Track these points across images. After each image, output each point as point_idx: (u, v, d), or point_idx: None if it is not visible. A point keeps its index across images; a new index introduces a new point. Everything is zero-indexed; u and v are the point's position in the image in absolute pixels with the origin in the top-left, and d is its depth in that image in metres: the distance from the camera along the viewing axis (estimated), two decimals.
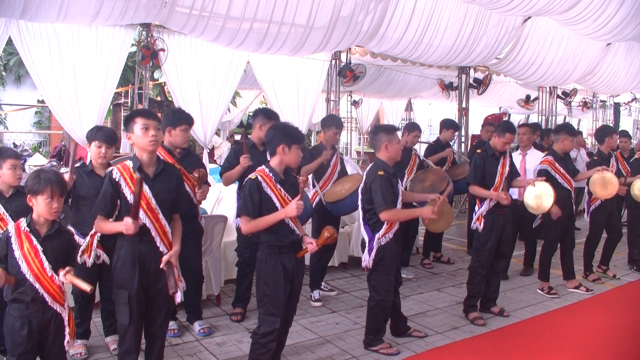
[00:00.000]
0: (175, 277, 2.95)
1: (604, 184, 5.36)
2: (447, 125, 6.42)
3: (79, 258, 3.24)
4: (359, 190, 3.93)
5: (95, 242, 3.58)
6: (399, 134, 4.35)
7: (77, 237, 3.37)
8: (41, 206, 2.66)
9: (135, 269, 2.90)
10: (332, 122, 5.06)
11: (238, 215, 3.24)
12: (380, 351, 3.90)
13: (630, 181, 5.91)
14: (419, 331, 4.27)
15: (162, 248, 2.96)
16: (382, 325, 3.98)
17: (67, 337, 2.70)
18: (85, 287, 2.60)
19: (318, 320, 4.58)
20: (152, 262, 2.94)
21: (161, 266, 2.92)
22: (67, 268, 2.65)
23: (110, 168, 2.98)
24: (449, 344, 4.11)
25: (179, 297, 3.07)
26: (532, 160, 5.79)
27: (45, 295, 2.64)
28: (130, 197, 2.87)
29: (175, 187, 3.10)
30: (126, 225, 2.80)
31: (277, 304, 3.16)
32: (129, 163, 2.96)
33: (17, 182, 3.40)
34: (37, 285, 2.62)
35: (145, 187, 2.91)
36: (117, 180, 2.90)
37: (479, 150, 4.73)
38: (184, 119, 4.01)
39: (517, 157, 5.66)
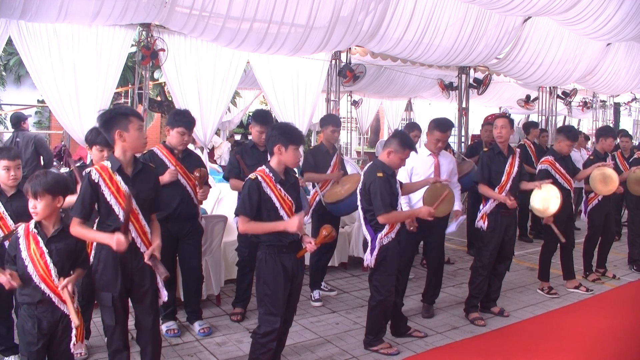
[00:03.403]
0: (162, 265, 2.91)
1: (604, 179, 5.35)
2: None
3: None
4: (358, 191, 3.93)
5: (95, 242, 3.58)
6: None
7: None
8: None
9: (117, 270, 2.88)
10: (329, 121, 5.07)
11: (236, 214, 3.23)
12: (380, 351, 3.90)
13: (624, 177, 5.92)
14: (419, 331, 4.27)
15: (142, 249, 2.94)
16: (382, 326, 3.98)
17: (74, 339, 2.71)
18: (74, 320, 2.61)
19: (318, 320, 4.58)
20: (133, 263, 2.92)
21: (145, 260, 2.89)
22: (67, 279, 2.64)
23: (89, 169, 2.92)
24: (449, 344, 4.12)
25: (165, 296, 3.06)
26: (445, 162, 4.79)
27: (52, 296, 2.66)
28: (110, 198, 2.84)
29: (154, 186, 3.08)
30: (117, 241, 2.72)
31: (277, 303, 3.16)
32: (107, 163, 2.91)
33: (12, 183, 3.38)
34: (43, 286, 2.64)
35: (126, 187, 2.88)
36: (96, 181, 2.85)
37: (485, 149, 4.71)
38: (181, 122, 4.00)
39: (428, 159, 4.66)
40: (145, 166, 3.09)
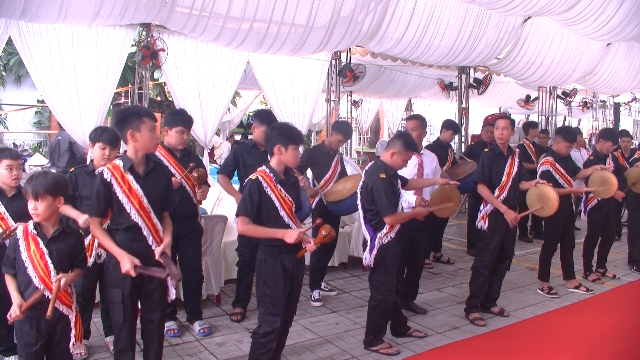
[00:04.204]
0: (174, 265, 2.95)
1: (603, 183, 5.35)
2: (447, 126, 6.44)
3: None
4: (358, 190, 3.93)
5: (96, 241, 3.59)
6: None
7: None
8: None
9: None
10: (342, 130, 5.03)
11: (237, 214, 3.23)
12: (380, 351, 3.90)
13: (630, 173, 5.96)
14: (419, 331, 4.27)
15: (154, 247, 2.96)
16: (382, 326, 3.98)
17: (73, 339, 2.70)
18: (49, 311, 2.56)
19: (318, 320, 4.58)
20: (144, 260, 2.93)
21: (156, 258, 2.91)
22: (60, 276, 2.63)
23: (101, 168, 2.96)
24: (449, 344, 4.11)
25: (173, 294, 3.07)
26: (428, 161, 4.80)
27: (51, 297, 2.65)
28: (122, 197, 2.87)
29: (165, 185, 3.10)
30: (127, 272, 2.77)
31: (277, 303, 3.16)
32: (119, 162, 2.94)
33: (14, 182, 3.39)
34: (43, 288, 2.63)
35: (137, 186, 2.91)
36: (108, 180, 2.88)
37: (486, 150, 4.72)
38: (180, 120, 4.01)
39: (412, 158, 4.33)
40: (157, 165, 3.11)
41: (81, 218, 3.42)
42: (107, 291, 2.98)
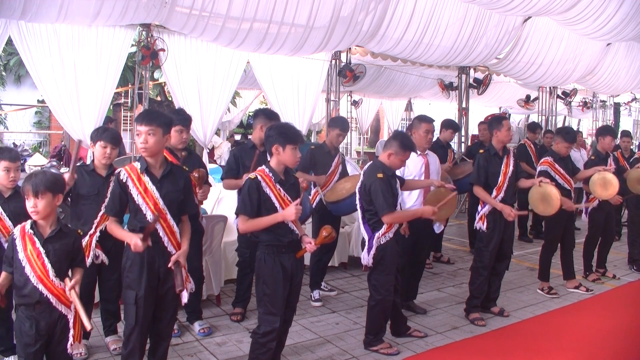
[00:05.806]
0: (182, 275, 2.96)
1: (604, 184, 5.34)
2: (447, 125, 6.43)
3: None
4: (357, 190, 3.93)
5: (94, 242, 3.60)
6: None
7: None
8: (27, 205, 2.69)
9: (143, 269, 2.91)
10: (338, 124, 5.02)
11: (236, 214, 3.23)
12: (380, 351, 3.90)
13: (627, 174, 5.95)
14: (419, 331, 4.27)
15: (170, 248, 2.97)
16: (382, 325, 3.98)
17: (71, 339, 2.70)
18: (86, 324, 2.60)
19: (318, 320, 4.58)
20: (160, 262, 2.95)
21: (169, 265, 2.93)
22: (72, 283, 2.65)
23: (119, 169, 2.99)
24: (449, 344, 4.12)
25: (185, 297, 3.06)
26: (432, 161, 4.83)
27: (50, 297, 2.65)
28: (137, 198, 2.90)
29: (183, 188, 3.09)
30: (135, 244, 2.81)
31: (277, 303, 3.16)
32: (137, 164, 2.97)
33: (11, 184, 3.39)
34: (41, 287, 2.63)
35: (153, 188, 2.93)
36: (124, 181, 2.92)
37: (481, 151, 4.72)
38: (178, 120, 4.00)
39: (418, 159, 4.61)
40: (175, 168, 3.12)
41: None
42: (123, 292, 3.01)
